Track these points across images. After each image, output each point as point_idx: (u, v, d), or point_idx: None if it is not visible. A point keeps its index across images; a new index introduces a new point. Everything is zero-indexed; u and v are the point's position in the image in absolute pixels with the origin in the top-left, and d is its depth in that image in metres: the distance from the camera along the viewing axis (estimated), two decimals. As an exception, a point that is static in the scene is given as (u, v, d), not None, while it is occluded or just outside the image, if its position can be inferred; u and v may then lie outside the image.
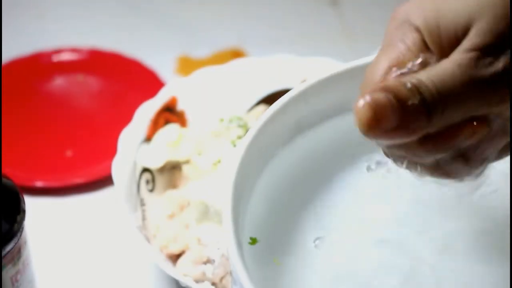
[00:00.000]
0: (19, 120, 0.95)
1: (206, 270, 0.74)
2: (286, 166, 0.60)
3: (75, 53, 1.02)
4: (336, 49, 1.06)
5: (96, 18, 1.10)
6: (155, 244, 0.77)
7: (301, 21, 1.11)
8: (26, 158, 0.91)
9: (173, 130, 0.82)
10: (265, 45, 1.06)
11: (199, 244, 0.75)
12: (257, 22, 1.10)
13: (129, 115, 0.86)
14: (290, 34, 1.08)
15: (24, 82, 0.99)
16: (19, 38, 1.06)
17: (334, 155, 0.62)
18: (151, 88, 0.94)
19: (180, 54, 1.04)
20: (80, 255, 0.83)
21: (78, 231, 0.85)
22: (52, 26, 1.09)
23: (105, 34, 1.07)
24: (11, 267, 0.68)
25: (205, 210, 0.75)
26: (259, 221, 0.58)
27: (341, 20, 1.11)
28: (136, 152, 0.82)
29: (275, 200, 0.59)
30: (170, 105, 0.86)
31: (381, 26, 1.12)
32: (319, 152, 0.62)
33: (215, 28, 1.08)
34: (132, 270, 0.81)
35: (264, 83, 0.89)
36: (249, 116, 0.85)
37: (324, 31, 1.09)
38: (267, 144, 0.59)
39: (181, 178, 0.80)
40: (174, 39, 1.06)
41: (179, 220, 0.77)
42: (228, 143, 0.79)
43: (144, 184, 0.81)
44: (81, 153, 0.92)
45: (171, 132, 0.81)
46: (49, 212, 0.87)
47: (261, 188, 0.59)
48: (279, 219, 0.58)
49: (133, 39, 1.06)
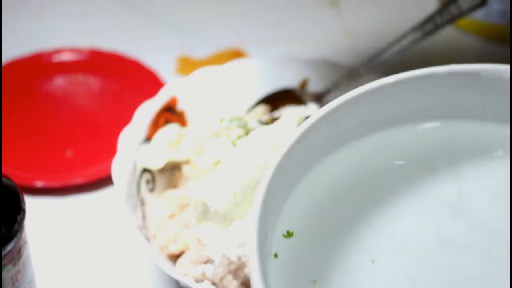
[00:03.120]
0: (19, 120, 0.95)
1: (206, 270, 0.74)
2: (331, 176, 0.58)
3: (75, 53, 1.02)
4: (336, 49, 1.06)
5: (96, 18, 1.10)
6: (155, 244, 0.77)
7: (301, 22, 1.11)
8: (26, 158, 0.91)
9: (173, 130, 0.82)
10: (265, 45, 1.06)
11: (199, 244, 0.75)
12: (257, 22, 1.10)
13: (129, 115, 0.86)
14: (290, 35, 1.09)
15: (24, 82, 0.99)
16: (19, 38, 1.06)
17: (384, 169, 0.60)
18: (151, 88, 0.94)
19: (180, 54, 1.04)
20: (80, 255, 0.83)
21: (78, 231, 0.85)
22: (52, 26, 1.09)
23: (105, 34, 1.07)
24: (11, 267, 0.68)
25: (205, 210, 0.75)
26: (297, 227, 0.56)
27: (341, 20, 1.11)
28: (136, 152, 0.82)
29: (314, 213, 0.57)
30: (170, 105, 0.86)
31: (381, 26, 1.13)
32: (366, 165, 0.60)
33: (215, 28, 1.08)
34: (132, 270, 0.82)
35: (264, 83, 0.89)
36: (249, 116, 0.85)
37: (324, 31, 1.09)
38: (307, 153, 0.57)
39: (181, 178, 0.80)
40: (174, 39, 1.06)
41: (179, 220, 0.77)
42: (228, 143, 0.79)
43: (144, 184, 0.81)
44: (81, 153, 0.92)
45: (171, 132, 0.81)
46: (49, 212, 0.87)
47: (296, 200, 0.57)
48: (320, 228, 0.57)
49: (133, 39, 1.06)
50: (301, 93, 0.89)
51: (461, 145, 0.60)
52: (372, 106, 0.58)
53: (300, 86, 0.90)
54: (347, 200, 0.58)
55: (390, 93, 0.58)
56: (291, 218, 0.56)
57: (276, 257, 0.54)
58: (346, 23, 1.10)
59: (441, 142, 0.60)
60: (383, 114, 0.59)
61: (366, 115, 0.59)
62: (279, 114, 0.84)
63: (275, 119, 0.81)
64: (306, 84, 0.90)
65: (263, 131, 0.78)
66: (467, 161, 0.60)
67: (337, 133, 0.58)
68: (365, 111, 0.58)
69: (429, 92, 0.59)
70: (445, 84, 0.59)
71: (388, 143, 0.60)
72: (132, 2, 1.05)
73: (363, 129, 0.59)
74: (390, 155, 0.60)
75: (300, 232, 0.56)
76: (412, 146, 0.60)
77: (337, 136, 0.58)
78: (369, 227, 0.57)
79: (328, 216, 0.58)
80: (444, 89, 0.59)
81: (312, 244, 0.56)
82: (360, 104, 0.58)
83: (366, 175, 0.59)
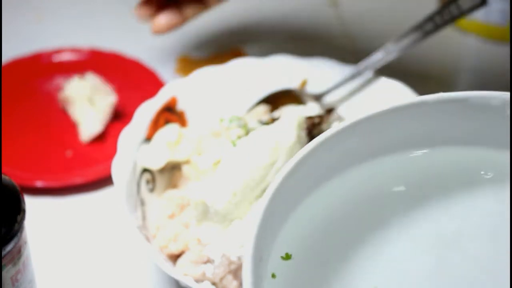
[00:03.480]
0: (19, 120, 0.95)
1: (206, 270, 0.74)
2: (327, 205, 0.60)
3: (75, 53, 1.02)
4: (336, 49, 1.06)
5: (96, 18, 1.10)
6: (155, 244, 0.77)
7: (301, 22, 1.11)
8: (26, 158, 0.91)
9: (173, 130, 0.82)
10: (265, 45, 1.06)
11: (199, 244, 0.75)
12: (257, 22, 1.10)
13: (129, 115, 0.86)
14: (290, 35, 1.09)
15: (24, 82, 0.99)
16: (19, 38, 1.06)
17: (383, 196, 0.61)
18: (151, 88, 0.94)
19: (180, 54, 1.04)
20: (80, 255, 0.83)
21: (78, 231, 0.85)
22: (52, 26, 1.09)
23: (105, 34, 1.07)
24: (11, 267, 0.68)
25: (205, 210, 0.75)
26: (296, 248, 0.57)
27: (341, 20, 1.11)
28: (136, 152, 0.82)
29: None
30: (170, 105, 0.86)
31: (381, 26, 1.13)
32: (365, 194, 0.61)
33: (215, 28, 1.08)
34: (132, 270, 0.81)
35: (264, 83, 0.89)
36: (249, 116, 0.85)
37: (324, 31, 1.09)
38: (308, 176, 0.58)
39: (181, 178, 0.80)
40: (174, 39, 1.06)
41: (179, 220, 0.77)
42: (228, 143, 0.79)
43: (144, 184, 0.81)
44: (81, 153, 0.92)
45: (171, 132, 0.81)
46: (49, 212, 0.87)
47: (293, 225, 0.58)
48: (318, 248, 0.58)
49: (133, 39, 1.06)
50: (301, 93, 0.89)
51: (452, 170, 0.62)
52: (365, 135, 0.60)
53: (300, 86, 0.90)
54: (346, 224, 0.60)
55: (381, 123, 0.60)
56: (289, 241, 0.57)
57: (274, 277, 0.55)
58: (346, 23, 1.10)
59: (434, 168, 0.62)
60: (376, 142, 0.61)
61: (359, 144, 0.60)
62: (279, 114, 0.84)
63: (275, 119, 0.81)
64: (306, 84, 0.90)
65: (263, 131, 0.78)
66: (459, 186, 0.62)
67: (335, 159, 0.60)
68: (357, 140, 0.60)
69: (419, 120, 0.61)
70: (434, 111, 0.60)
71: (384, 170, 0.62)
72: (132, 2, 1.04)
73: (358, 156, 0.61)
74: (387, 181, 0.62)
75: (299, 255, 0.57)
76: (407, 172, 0.62)
77: (336, 162, 0.60)
78: (368, 252, 0.59)
79: (328, 240, 0.59)
80: (433, 117, 0.60)
81: (312, 268, 0.57)
82: (353, 133, 0.60)
83: (363, 201, 0.61)
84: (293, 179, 0.56)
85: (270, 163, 0.75)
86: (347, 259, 0.58)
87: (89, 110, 0.94)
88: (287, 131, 0.76)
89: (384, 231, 0.60)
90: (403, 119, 0.60)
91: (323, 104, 0.88)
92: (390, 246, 0.59)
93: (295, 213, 0.58)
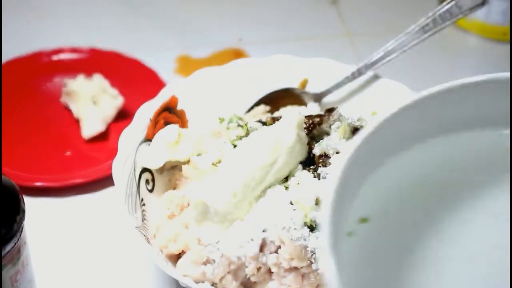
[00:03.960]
0: (19, 120, 0.95)
1: (206, 270, 0.74)
2: None
3: (75, 53, 1.02)
4: (336, 49, 1.06)
5: (96, 18, 1.10)
6: (155, 244, 0.77)
7: (301, 21, 1.11)
8: (26, 158, 0.91)
9: (173, 130, 0.82)
10: (265, 45, 1.06)
11: (199, 244, 0.75)
12: (257, 22, 1.10)
13: (129, 115, 0.86)
14: (290, 34, 1.09)
15: (24, 82, 0.99)
16: (19, 38, 1.06)
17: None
18: (151, 88, 0.94)
19: (180, 54, 1.04)
20: (80, 255, 0.83)
21: (78, 231, 0.85)
22: (52, 26, 1.09)
23: (105, 34, 1.07)
24: (11, 267, 0.68)
25: (205, 210, 0.75)
26: None
27: (341, 20, 1.11)
28: (136, 152, 0.82)
29: None
30: (170, 105, 0.86)
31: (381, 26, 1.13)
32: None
33: (215, 28, 1.08)
34: (132, 270, 0.82)
35: (264, 83, 0.89)
36: (249, 116, 0.85)
37: (324, 31, 1.09)
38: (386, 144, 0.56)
39: (181, 178, 0.80)
40: (174, 39, 1.06)
41: (179, 220, 0.77)
42: (228, 143, 0.79)
43: (144, 184, 0.81)
44: (81, 153, 0.92)
45: (171, 132, 0.81)
46: (49, 212, 0.87)
47: None
48: None
49: (133, 39, 1.06)
50: (301, 93, 0.89)
51: None
52: (454, 104, 0.58)
53: (300, 86, 0.90)
54: (421, 197, 0.58)
55: (461, 96, 0.58)
56: (366, 204, 0.55)
57: (350, 236, 0.54)
58: (346, 23, 1.10)
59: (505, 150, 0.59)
60: (459, 114, 0.58)
61: (442, 114, 0.58)
62: (279, 114, 0.83)
63: (275, 119, 0.81)
64: (306, 84, 0.90)
65: (263, 131, 0.78)
66: None
67: (417, 127, 0.57)
68: (442, 110, 0.58)
69: (496, 98, 0.58)
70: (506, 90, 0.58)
71: (471, 146, 0.59)
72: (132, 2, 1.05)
73: (442, 127, 0.58)
74: (471, 159, 0.59)
75: (375, 219, 0.55)
76: (478, 152, 0.59)
77: (419, 129, 0.58)
78: (441, 229, 0.57)
79: (404, 208, 0.57)
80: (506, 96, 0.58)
81: (389, 232, 0.56)
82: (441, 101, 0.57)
83: (441, 175, 0.58)
84: (375, 140, 0.54)
85: (270, 163, 0.75)
86: (419, 229, 0.56)
87: (92, 108, 0.94)
88: (287, 131, 0.76)
89: (457, 212, 0.57)
90: (479, 96, 0.57)
91: (323, 104, 0.88)
92: (458, 224, 0.56)
93: (373, 176, 0.56)
